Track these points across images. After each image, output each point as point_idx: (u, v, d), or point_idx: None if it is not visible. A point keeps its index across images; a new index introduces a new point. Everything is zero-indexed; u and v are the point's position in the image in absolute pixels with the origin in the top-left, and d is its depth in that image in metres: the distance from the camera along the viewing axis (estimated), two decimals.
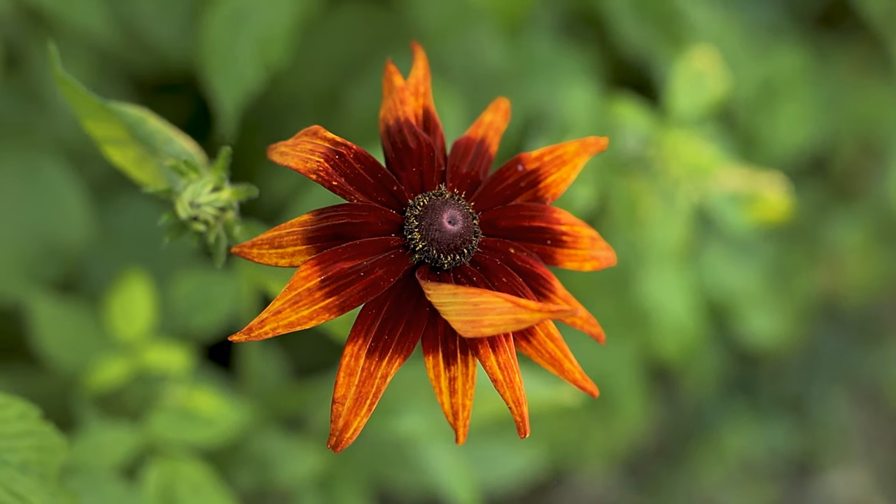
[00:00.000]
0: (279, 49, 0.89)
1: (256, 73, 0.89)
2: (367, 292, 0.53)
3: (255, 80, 0.90)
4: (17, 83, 1.01)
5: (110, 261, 1.03)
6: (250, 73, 0.89)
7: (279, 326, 0.52)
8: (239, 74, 0.89)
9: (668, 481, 1.56)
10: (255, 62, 0.89)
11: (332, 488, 0.98)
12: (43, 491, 0.64)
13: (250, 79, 0.89)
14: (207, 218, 0.58)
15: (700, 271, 1.30)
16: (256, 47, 0.89)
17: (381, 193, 0.56)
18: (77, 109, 0.62)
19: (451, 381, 0.54)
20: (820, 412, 1.64)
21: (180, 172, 0.59)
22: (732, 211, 1.03)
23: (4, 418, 0.64)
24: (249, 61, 0.89)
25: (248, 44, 0.89)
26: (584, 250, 0.59)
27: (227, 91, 0.89)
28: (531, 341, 0.56)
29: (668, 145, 1.00)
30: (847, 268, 1.54)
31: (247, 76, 0.89)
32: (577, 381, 0.56)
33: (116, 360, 0.88)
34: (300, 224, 0.54)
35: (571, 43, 1.21)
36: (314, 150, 0.55)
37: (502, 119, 0.61)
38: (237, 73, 0.89)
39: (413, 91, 0.59)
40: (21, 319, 0.97)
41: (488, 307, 0.50)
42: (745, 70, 1.30)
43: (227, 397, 0.89)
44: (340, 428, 0.53)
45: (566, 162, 0.59)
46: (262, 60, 0.89)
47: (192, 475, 0.83)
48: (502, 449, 1.17)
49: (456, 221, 0.54)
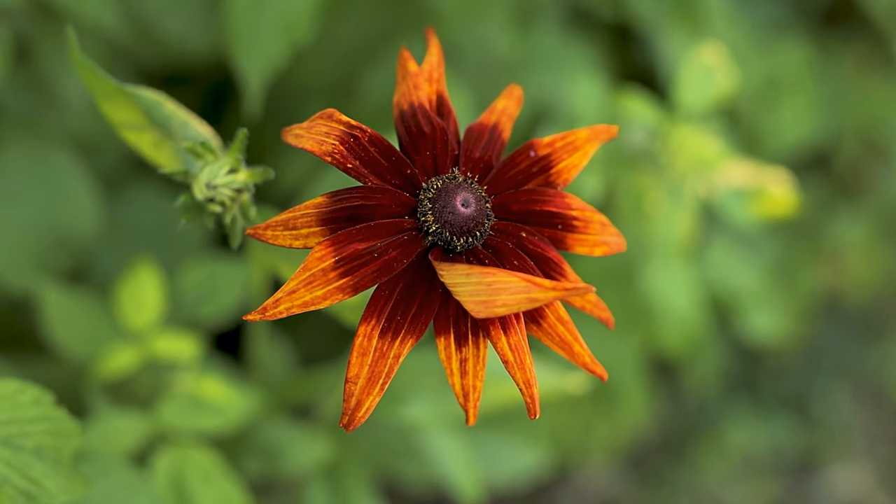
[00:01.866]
0: (304, 26, 0.89)
1: (282, 50, 0.89)
2: (380, 273, 0.54)
3: (281, 56, 0.89)
4: (27, 75, 1.02)
5: (119, 252, 1.04)
6: (276, 50, 0.88)
7: (293, 306, 0.53)
8: (265, 51, 0.88)
9: (671, 476, 1.57)
10: (280, 39, 0.88)
11: (338, 478, 0.98)
12: (57, 475, 0.64)
13: (276, 56, 0.89)
14: (224, 199, 0.59)
15: (704, 266, 1.31)
16: (281, 24, 0.88)
17: (395, 176, 0.56)
18: (94, 92, 0.62)
19: (462, 362, 0.55)
20: (822, 409, 1.64)
21: (197, 155, 0.59)
22: (738, 205, 1.03)
23: (19, 403, 0.65)
24: (275, 38, 0.88)
25: (273, 21, 0.89)
26: (594, 235, 0.59)
27: (253, 68, 0.89)
28: (542, 324, 0.56)
29: (674, 139, 1.00)
30: (850, 265, 1.55)
31: (273, 53, 0.88)
32: (587, 365, 0.57)
33: (126, 348, 0.88)
34: (315, 206, 0.55)
35: (579, 35, 1.21)
36: (329, 133, 0.55)
37: (515, 105, 0.62)
38: (263, 50, 0.88)
39: (427, 77, 0.60)
40: (31, 310, 0.98)
41: (501, 286, 0.50)
42: (750, 66, 1.31)
43: (236, 386, 0.90)
44: (353, 407, 0.54)
45: (577, 148, 0.60)
46: (288, 38, 0.88)
47: (202, 462, 0.84)
48: (507, 445, 1.17)
49: (469, 204, 0.55)
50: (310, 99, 1.13)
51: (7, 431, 0.64)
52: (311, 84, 1.14)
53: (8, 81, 0.99)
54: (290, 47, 0.90)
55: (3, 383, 0.64)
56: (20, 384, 0.65)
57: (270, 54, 0.89)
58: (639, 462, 1.58)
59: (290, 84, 1.10)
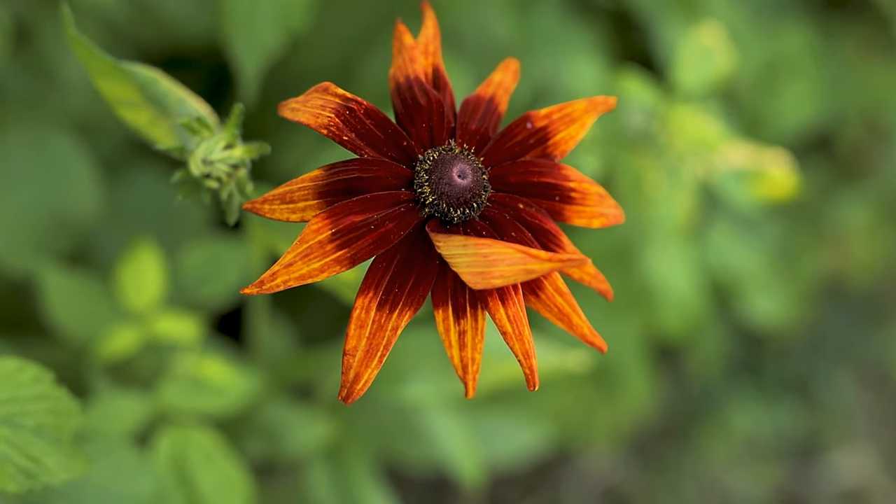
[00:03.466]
0: (300, 13, 0.89)
1: (278, 38, 0.89)
2: (377, 245, 0.54)
3: (277, 44, 0.89)
4: (27, 57, 1.02)
5: (120, 234, 1.04)
6: (272, 37, 0.88)
7: (290, 279, 0.53)
8: (260, 38, 0.88)
9: (674, 461, 1.57)
10: (276, 26, 0.88)
11: (340, 459, 0.98)
12: (57, 453, 0.64)
13: (272, 43, 0.88)
14: (220, 175, 0.59)
15: (705, 250, 1.30)
16: (278, 11, 0.88)
17: (392, 149, 0.56)
18: (90, 69, 0.62)
19: (460, 334, 0.55)
20: (825, 393, 1.64)
21: (193, 131, 0.59)
22: (738, 187, 1.03)
23: (19, 382, 0.65)
24: (271, 25, 0.88)
25: (269, 8, 0.88)
26: (592, 207, 0.59)
27: (248, 56, 0.89)
28: (540, 296, 0.56)
29: (673, 120, 1.00)
30: (852, 248, 1.54)
31: (268, 40, 0.88)
32: (586, 336, 0.57)
33: (127, 329, 0.88)
34: (311, 179, 0.55)
35: (578, 17, 1.21)
36: (325, 106, 0.55)
37: (511, 79, 0.61)
38: (258, 37, 0.88)
39: (423, 50, 0.60)
40: (32, 292, 0.98)
41: (498, 258, 0.50)
42: (751, 49, 1.30)
43: (237, 367, 0.90)
44: (351, 379, 0.54)
45: (575, 120, 0.60)
46: (284, 24, 0.88)
47: (203, 443, 0.84)
48: (507, 425, 1.17)
49: (465, 175, 0.55)
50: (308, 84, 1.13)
51: (7, 410, 0.64)
52: (310, 69, 1.14)
53: (8, 63, 0.99)
54: (287, 34, 0.90)
55: (4, 362, 0.65)
56: (20, 363, 0.65)
57: (266, 42, 0.89)
58: (641, 447, 1.58)
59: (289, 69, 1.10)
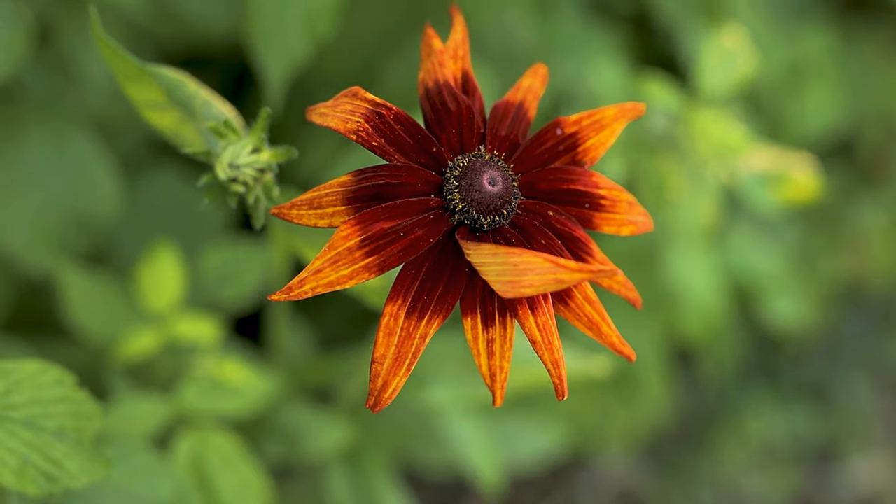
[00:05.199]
0: (327, 21, 0.88)
1: (304, 46, 0.88)
2: (406, 252, 0.53)
3: (304, 52, 0.88)
4: (48, 57, 1.02)
5: (139, 234, 1.04)
6: (298, 45, 0.87)
7: (319, 286, 0.53)
8: (287, 46, 0.87)
9: (690, 465, 1.56)
10: (303, 34, 0.87)
11: (359, 462, 0.98)
12: (78, 457, 0.64)
13: (298, 51, 0.88)
14: (247, 179, 0.58)
15: (726, 252, 1.30)
16: (304, 19, 0.87)
17: (421, 154, 0.56)
18: (116, 71, 0.62)
19: (489, 342, 0.54)
20: (842, 398, 1.63)
21: (219, 134, 0.59)
22: (761, 191, 1.03)
23: (41, 384, 0.64)
24: (297, 33, 0.87)
25: (295, 16, 0.88)
26: (622, 214, 0.58)
27: (274, 64, 0.88)
28: (569, 304, 0.56)
29: (696, 124, 1.00)
30: (871, 252, 1.54)
31: (295, 48, 0.87)
32: (615, 345, 0.56)
33: (146, 331, 0.88)
34: (339, 184, 0.54)
35: (599, 21, 1.21)
36: (354, 111, 0.55)
37: (540, 84, 0.61)
38: (285, 45, 0.87)
39: (452, 54, 0.59)
40: (51, 292, 0.98)
41: (528, 267, 0.50)
42: (773, 53, 1.30)
43: (256, 369, 0.89)
44: (379, 388, 0.53)
45: (605, 126, 0.59)
46: (310, 33, 0.87)
47: (222, 446, 0.84)
48: (525, 428, 1.17)
49: (496, 182, 0.54)
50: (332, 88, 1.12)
51: (29, 412, 0.64)
52: (333, 73, 1.13)
53: (30, 63, 0.99)
54: (313, 43, 0.89)
55: (25, 364, 0.64)
56: (42, 365, 0.65)
57: (293, 50, 0.88)
58: (657, 451, 1.57)
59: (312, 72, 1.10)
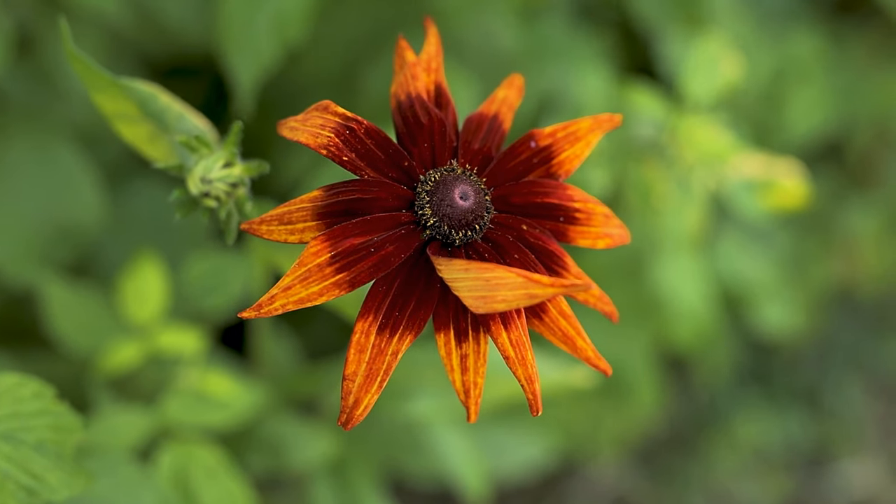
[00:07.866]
0: (297, 26, 0.88)
1: (274, 51, 0.88)
2: (377, 268, 0.53)
3: (273, 57, 0.88)
4: (30, 66, 1.01)
5: (123, 244, 1.03)
6: (268, 50, 0.88)
7: (289, 303, 0.52)
8: (257, 51, 0.88)
9: (682, 471, 1.56)
10: (273, 39, 0.87)
11: (345, 473, 0.98)
12: (59, 470, 0.64)
13: (268, 56, 0.88)
14: (219, 194, 0.58)
15: (715, 259, 1.30)
16: (274, 24, 0.87)
17: (392, 169, 0.55)
18: (87, 84, 0.61)
19: (462, 358, 0.54)
20: (835, 402, 1.63)
21: (191, 148, 0.58)
22: (748, 198, 1.02)
23: (20, 397, 0.64)
24: (267, 38, 0.87)
25: (266, 20, 0.87)
26: (597, 227, 0.58)
27: (244, 68, 0.88)
28: (543, 319, 0.55)
29: (682, 132, 0.99)
30: (862, 256, 1.53)
31: (264, 53, 0.88)
32: (590, 359, 0.56)
33: (130, 343, 0.88)
34: (310, 200, 0.54)
35: (586, 28, 1.20)
36: (325, 126, 0.55)
37: (516, 95, 0.60)
38: (255, 50, 0.88)
39: (425, 67, 0.59)
40: (34, 303, 0.97)
41: (500, 282, 0.49)
42: (758, 59, 1.29)
43: (241, 381, 0.89)
44: (351, 405, 0.53)
45: (579, 138, 0.59)
46: (280, 37, 0.87)
47: (206, 459, 0.83)
48: (514, 437, 1.17)
49: (468, 197, 0.54)
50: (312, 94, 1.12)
51: (8, 426, 0.63)
52: (312, 79, 1.13)
53: (11, 72, 0.98)
54: (283, 47, 0.89)
55: (4, 377, 0.64)
56: (21, 378, 0.64)
57: (263, 54, 0.88)
58: (649, 457, 1.57)
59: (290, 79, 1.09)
